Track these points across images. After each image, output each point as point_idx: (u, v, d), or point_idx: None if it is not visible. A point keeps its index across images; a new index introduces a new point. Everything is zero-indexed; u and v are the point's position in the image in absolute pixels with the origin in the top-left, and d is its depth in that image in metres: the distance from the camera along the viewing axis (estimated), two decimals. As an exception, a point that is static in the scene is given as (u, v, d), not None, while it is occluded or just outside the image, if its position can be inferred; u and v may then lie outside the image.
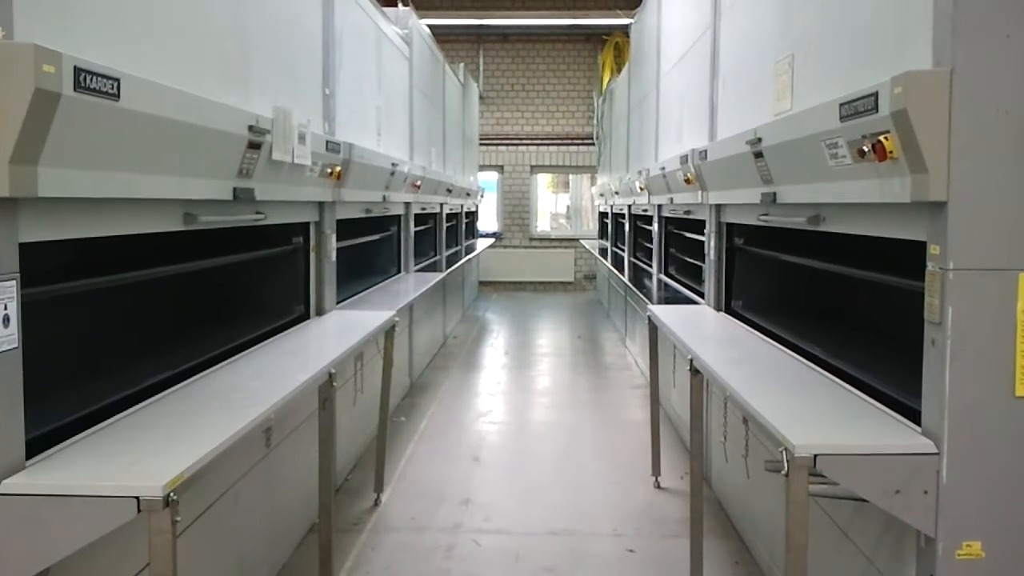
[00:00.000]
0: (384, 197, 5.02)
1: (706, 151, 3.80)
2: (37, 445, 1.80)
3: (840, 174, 2.22)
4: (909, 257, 2.02)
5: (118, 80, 1.78)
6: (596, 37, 14.04)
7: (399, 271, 6.35)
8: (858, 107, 1.99)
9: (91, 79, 1.69)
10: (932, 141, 1.78)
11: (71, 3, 1.83)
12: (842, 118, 2.08)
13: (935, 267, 1.82)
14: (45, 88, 1.56)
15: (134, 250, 2.35)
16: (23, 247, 1.69)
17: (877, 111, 1.89)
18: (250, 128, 2.60)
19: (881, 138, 1.89)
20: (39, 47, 1.54)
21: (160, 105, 2.00)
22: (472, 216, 12.00)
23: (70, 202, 1.86)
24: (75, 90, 1.64)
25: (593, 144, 14.03)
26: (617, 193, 8.82)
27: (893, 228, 2.09)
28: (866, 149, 1.97)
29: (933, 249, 1.83)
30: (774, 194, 2.91)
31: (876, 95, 1.89)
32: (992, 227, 1.78)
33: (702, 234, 4.42)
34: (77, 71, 1.64)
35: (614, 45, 13.55)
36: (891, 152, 1.87)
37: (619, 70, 11.82)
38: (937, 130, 1.77)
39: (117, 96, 1.78)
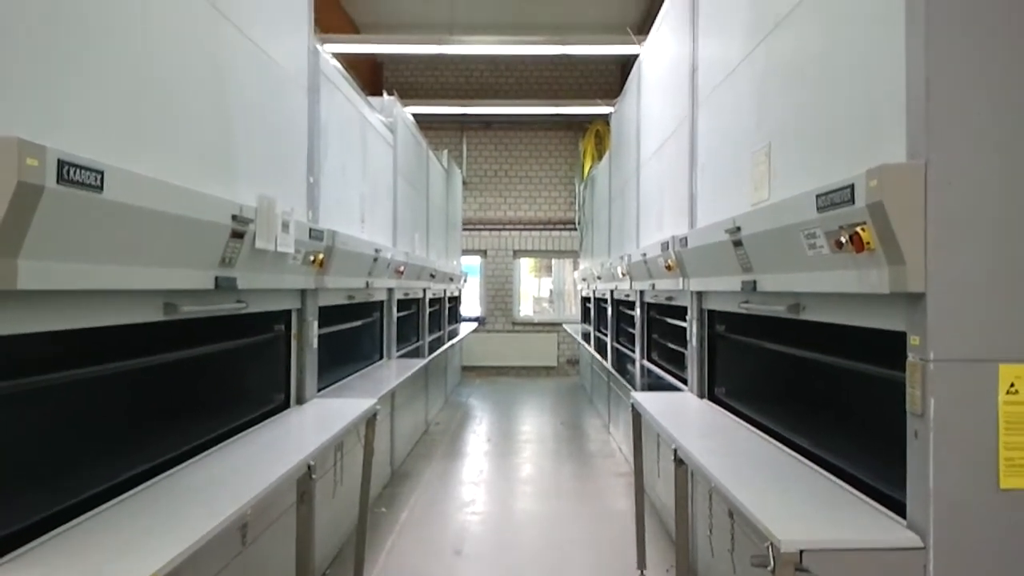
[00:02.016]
0: (367, 283, 5.03)
1: (686, 238, 3.84)
2: (5, 545, 1.75)
3: (819, 264, 2.24)
4: (891, 346, 2.03)
5: (102, 172, 1.79)
6: (577, 125, 14.33)
7: (381, 357, 6.31)
8: (834, 199, 2.02)
9: (74, 171, 1.69)
10: (909, 233, 1.80)
11: (56, 95, 1.85)
12: (819, 209, 2.11)
13: (916, 358, 1.82)
14: (28, 181, 1.56)
15: (109, 339, 2.32)
16: (-2, 340, 1.67)
17: (853, 203, 1.92)
18: (234, 217, 2.61)
19: (858, 229, 1.91)
20: (23, 140, 1.55)
21: (143, 196, 2.00)
22: (455, 301, 12.02)
23: (48, 294, 1.84)
24: (58, 183, 1.64)
25: (575, 229, 14.18)
26: (599, 278, 8.87)
27: (873, 318, 2.10)
28: (843, 240, 1.99)
29: (913, 340, 1.84)
30: (754, 282, 2.93)
31: (852, 187, 1.92)
32: (971, 318, 1.79)
33: (684, 320, 4.43)
34: (61, 164, 1.65)
35: (595, 133, 13.82)
36: (868, 243, 1.89)
37: (600, 157, 12.03)
38: (913, 222, 1.80)
39: (100, 188, 1.79)
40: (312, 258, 3.61)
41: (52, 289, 1.79)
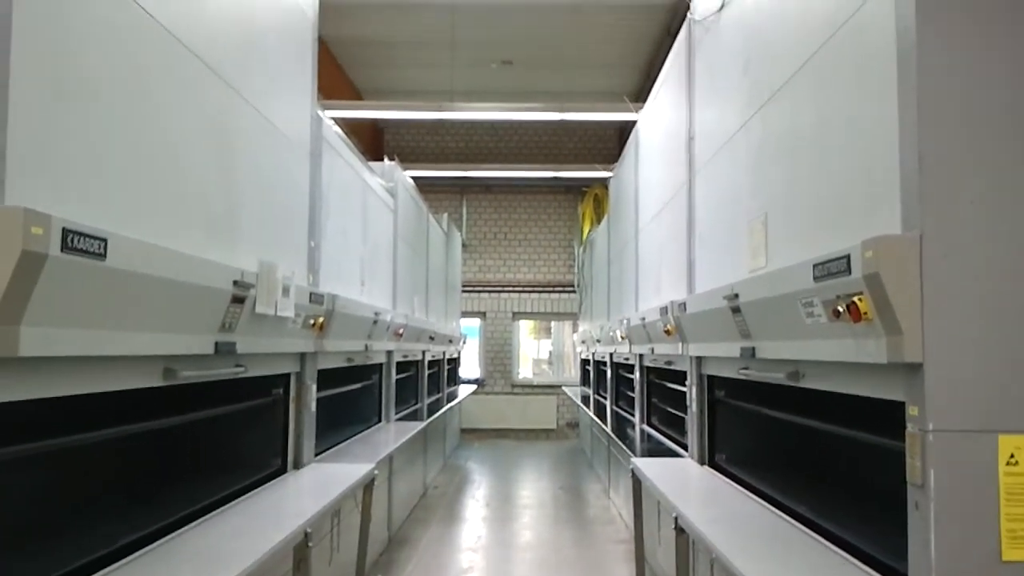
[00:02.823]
0: (366, 346, 5.03)
1: (685, 304, 3.85)
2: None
3: (817, 332, 2.25)
4: (891, 415, 2.03)
5: (105, 240, 1.81)
6: (576, 189, 14.47)
7: (380, 420, 6.28)
8: (831, 268, 2.04)
9: (78, 239, 1.71)
10: (905, 304, 1.81)
11: (63, 163, 1.88)
12: (816, 279, 2.13)
13: (915, 428, 1.82)
14: (32, 250, 1.58)
15: (105, 403, 2.32)
16: (-4, 407, 1.67)
17: (850, 273, 1.93)
18: (235, 283, 2.63)
19: (855, 299, 1.93)
20: (29, 210, 1.57)
21: (145, 263, 2.02)
22: (454, 363, 11.99)
23: (48, 360, 1.85)
24: (62, 251, 1.66)
25: (574, 291, 14.22)
26: (599, 341, 8.87)
27: (872, 387, 2.10)
28: (841, 310, 2.00)
29: (912, 410, 1.84)
30: (753, 349, 2.93)
31: (848, 258, 1.94)
32: (969, 388, 1.79)
33: (684, 385, 4.42)
34: (65, 232, 1.67)
35: (594, 197, 13.95)
36: (865, 313, 1.90)
37: (599, 220, 12.12)
38: (909, 293, 1.82)
39: (103, 256, 1.81)
40: (312, 322, 3.62)
41: (53, 356, 1.79)
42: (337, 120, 10.01)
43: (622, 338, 6.45)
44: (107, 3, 2.05)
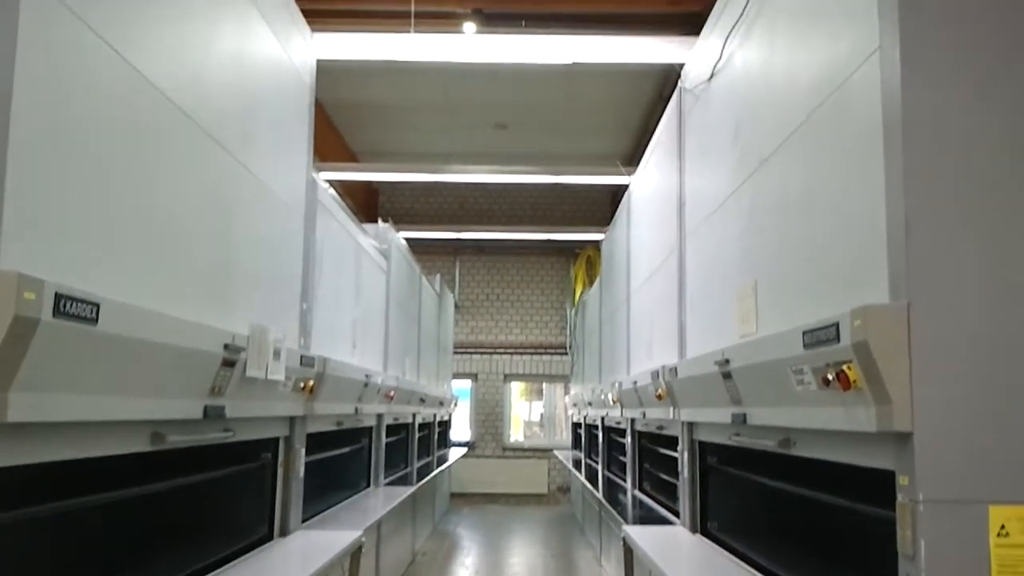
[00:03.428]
0: (356, 409, 5.00)
1: (676, 368, 3.85)
2: None
3: (807, 399, 2.25)
4: (883, 484, 2.02)
5: (97, 305, 1.81)
6: (569, 251, 14.55)
7: (368, 485, 6.20)
8: (820, 336, 2.05)
9: (71, 304, 1.72)
10: (894, 372, 1.82)
11: (59, 226, 1.89)
12: (806, 346, 2.14)
13: (905, 498, 1.81)
14: (24, 315, 1.58)
15: (86, 469, 2.29)
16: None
17: (839, 341, 1.94)
18: (226, 346, 2.62)
19: (844, 367, 1.93)
20: (23, 275, 1.58)
21: (137, 327, 2.02)
22: (445, 425, 11.90)
23: (34, 425, 1.83)
24: (54, 316, 1.66)
25: (566, 353, 14.19)
26: (590, 404, 8.83)
27: (862, 456, 2.10)
28: (830, 378, 2.01)
29: (902, 480, 1.83)
30: (744, 415, 2.93)
31: (837, 326, 1.95)
32: (959, 458, 1.79)
33: (676, 450, 4.39)
34: (58, 297, 1.67)
35: (586, 259, 14.02)
36: (855, 382, 1.91)
37: (591, 282, 12.17)
38: (898, 362, 1.82)
39: (95, 321, 1.81)
40: (302, 385, 3.61)
41: (41, 421, 1.78)
42: (332, 182, 10.10)
43: (614, 402, 6.43)
44: (109, 70, 2.09)
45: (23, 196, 1.74)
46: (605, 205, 14.32)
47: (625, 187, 6.84)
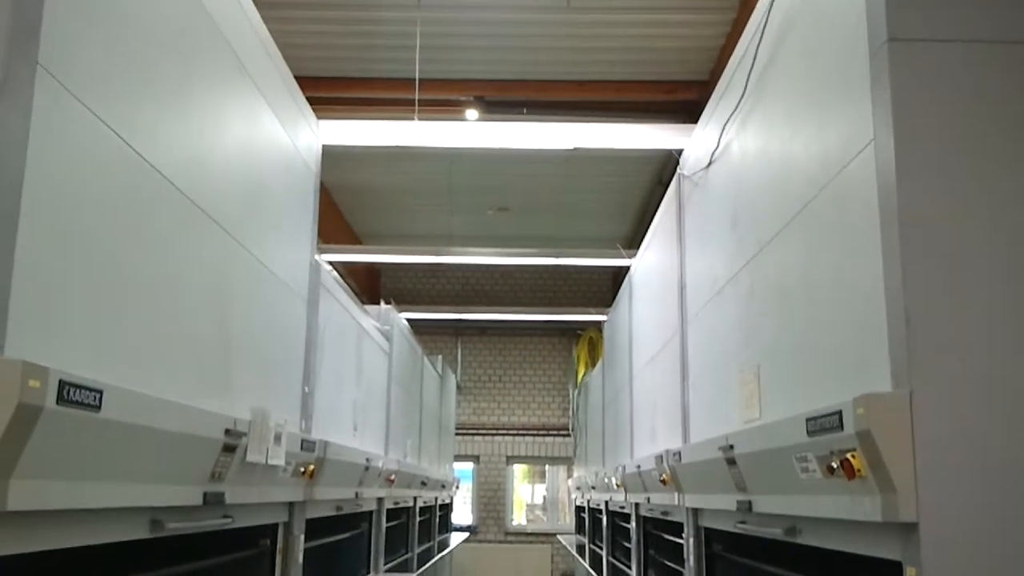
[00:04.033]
0: (357, 493, 4.94)
1: (680, 453, 3.82)
2: None
3: (812, 487, 2.24)
4: (893, 574, 1.99)
5: (101, 392, 1.82)
6: (571, 331, 14.56)
7: (368, 571, 6.09)
8: (824, 424, 2.04)
9: (74, 392, 1.72)
10: (898, 462, 1.81)
11: (63, 311, 1.90)
12: (810, 433, 2.13)
13: (915, 590, 1.78)
14: (28, 403, 1.58)
15: (82, 557, 2.26)
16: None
17: (842, 429, 1.94)
18: (227, 432, 2.61)
19: (849, 456, 1.92)
20: (27, 363, 1.58)
21: (140, 414, 2.02)
22: (446, 509, 11.73)
23: (33, 513, 1.82)
24: (57, 403, 1.66)
25: (569, 435, 14.08)
26: (594, 488, 8.72)
27: (869, 546, 2.07)
28: (835, 466, 2.00)
29: (910, 571, 1.81)
30: (750, 502, 2.90)
31: (840, 414, 1.95)
32: (966, 549, 1.77)
33: (681, 537, 4.32)
34: (61, 384, 1.68)
35: (588, 340, 14.03)
36: (859, 471, 1.90)
37: (593, 364, 12.14)
38: (902, 451, 1.82)
39: (98, 408, 1.81)
40: (302, 469, 3.58)
41: (40, 509, 1.77)
42: (335, 263, 10.18)
43: (617, 486, 6.35)
44: (117, 159, 2.14)
45: (29, 283, 1.76)
46: (606, 286, 14.39)
47: (626, 268, 6.89)
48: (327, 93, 8.29)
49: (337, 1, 7.40)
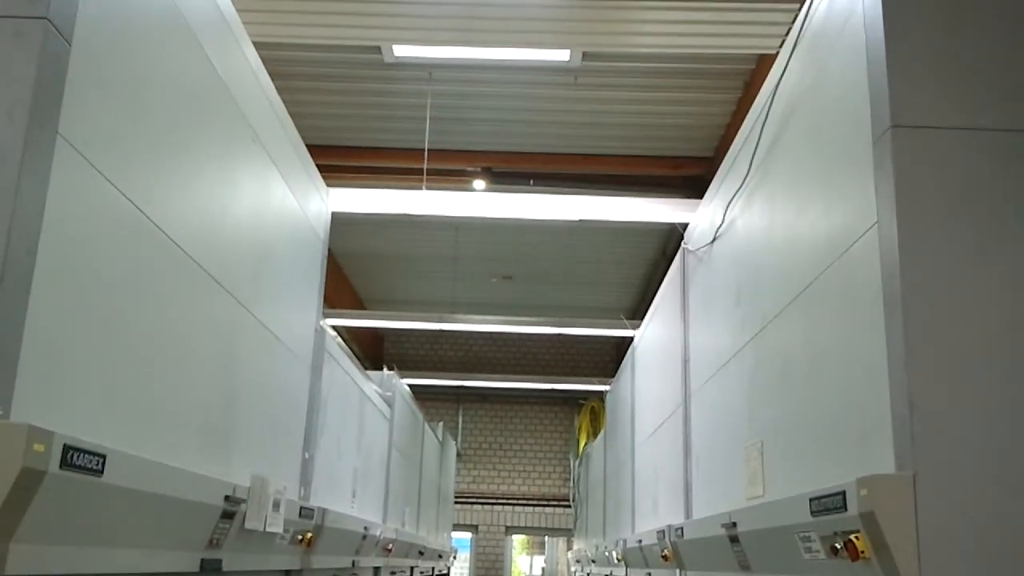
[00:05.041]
0: (354, 563, 4.87)
1: (682, 528, 3.78)
2: None
3: (816, 568, 2.21)
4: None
5: (104, 456, 1.82)
6: (573, 401, 14.50)
7: (362, 642, 5.96)
8: (827, 504, 2.03)
9: (78, 456, 1.72)
10: (902, 544, 1.80)
11: (69, 375, 1.91)
12: (813, 513, 2.11)
13: (921, 678, 1.75)
14: (32, 467, 1.58)
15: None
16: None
17: (846, 510, 1.93)
18: (226, 498, 2.60)
19: (852, 537, 1.91)
20: (33, 427, 1.59)
21: (141, 479, 2.02)
22: (443, 579, 11.52)
23: (30, 579, 1.81)
24: (61, 468, 1.66)
25: (569, 506, 13.90)
26: (594, 561, 8.59)
27: (875, 630, 2.04)
28: (838, 546, 1.98)
29: (916, 656, 1.78)
30: (752, 581, 2.86)
31: (844, 494, 1.94)
32: (973, 636, 1.75)
33: (682, 615, 4.25)
34: (66, 449, 1.68)
35: (590, 410, 13.95)
36: (863, 552, 1.88)
37: (595, 434, 12.06)
38: (905, 534, 1.80)
39: (101, 472, 1.81)
40: (300, 537, 3.54)
41: (39, 575, 1.75)
42: (339, 328, 10.20)
43: (618, 560, 6.26)
44: (129, 226, 2.17)
45: (37, 347, 1.78)
46: (609, 356, 14.37)
47: (629, 339, 6.90)
48: (337, 161, 8.42)
49: (350, 73, 7.58)
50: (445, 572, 11.52)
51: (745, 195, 3.29)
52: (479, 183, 8.55)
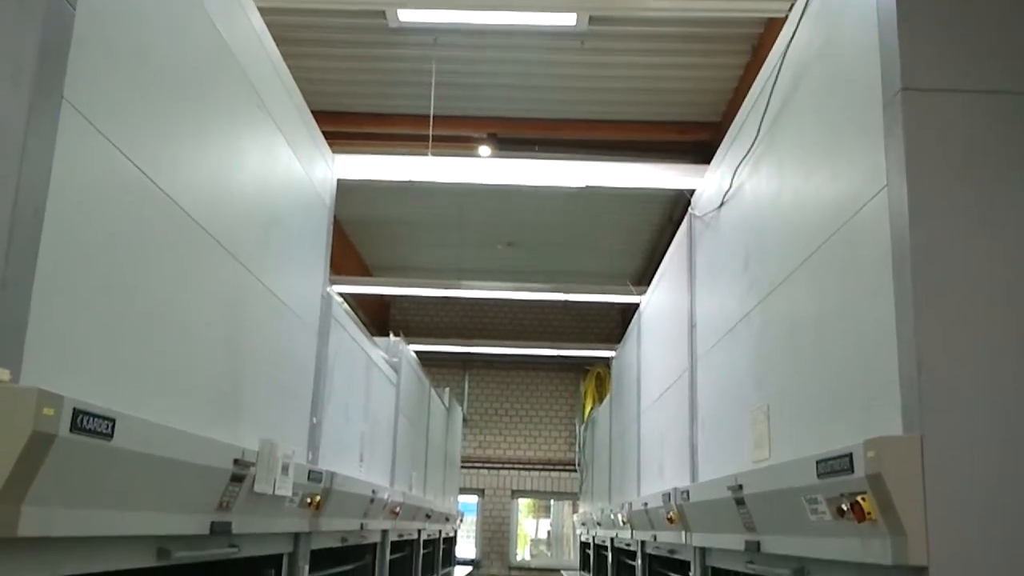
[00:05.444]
0: (362, 525, 4.92)
1: (688, 491, 3.81)
2: None
3: (822, 529, 2.23)
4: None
5: (113, 420, 1.83)
6: (578, 367, 14.54)
7: (371, 604, 6.04)
8: (834, 466, 2.04)
9: (87, 420, 1.73)
10: (908, 505, 1.81)
11: (77, 339, 1.92)
12: (820, 475, 2.12)
13: (924, 636, 1.77)
14: (42, 431, 1.59)
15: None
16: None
17: (853, 472, 1.93)
18: (235, 462, 2.62)
19: (859, 499, 1.92)
20: (43, 391, 1.60)
21: (150, 443, 2.03)
22: (450, 542, 11.65)
23: (41, 541, 1.82)
24: (71, 431, 1.67)
25: (575, 470, 14.00)
26: (599, 524, 8.66)
27: (880, 590, 2.06)
28: (845, 508, 1.99)
29: (921, 617, 1.80)
30: (758, 542, 2.88)
31: (851, 456, 1.95)
32: (978, 595, 1.76)
33: (687, 575, 4.29)
34: (75, 412, 1.69)
35: (596, 375, 13.99)
36: (869, 514, 1.89)
37: (601, 399, 12.11)
38: (912, 494, 1.81)
39: (110, 436, 1.82)
40: (309, 500, 3.57)
41: (49, 536, 1.77)
42: (345, 295, 10.22)
43: (623, 522, 6.31)
44: (135, 191, 2.17)
45: (46, 312, 1.78)
46: (615, 322, 14.39)
47: (635, 305, 6.90)
48: (343, 127, 8.38)
49: (355, 39, 7.51)
50: (452, 535, 11.65)
51: (753, 160, 3.27)
52: (484, 149, 8.51)
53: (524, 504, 14.69)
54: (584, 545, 11.77)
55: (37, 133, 1.73)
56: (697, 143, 8.60)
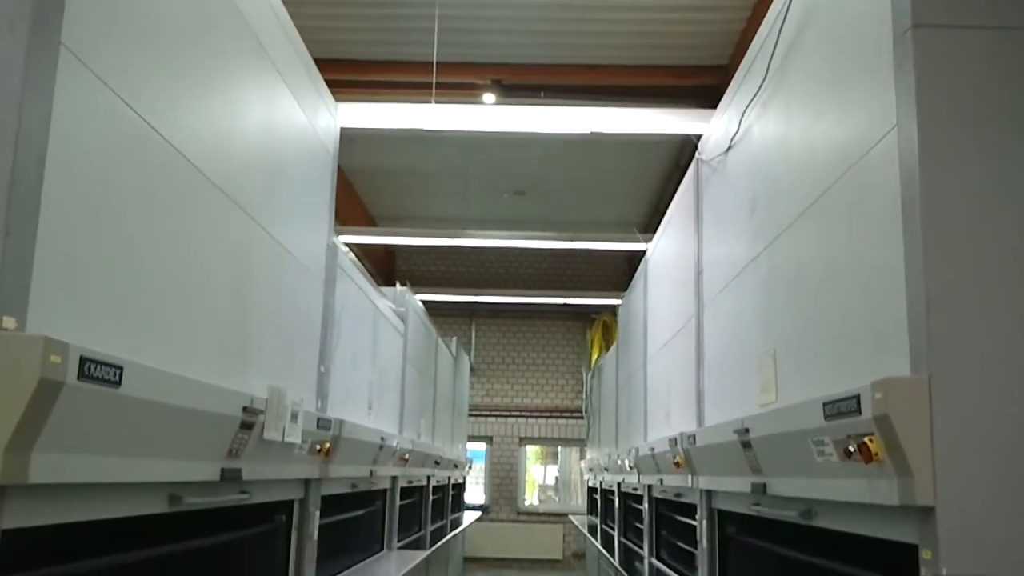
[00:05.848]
0: (371, 472, 4.97)
1: (695, 436, 3.83)
2: None
3: (828, 471, 2.24)
4: (909, 557, 1.99)
5: (121, 368, 1.83)
6: (585, 315, 14.55)
7: (382, 548, 6.14)
8: (841, 408, 2.04)
9: (95, 368, 1.74)
10: (916, 446, 1.81)
11: (83, 288, 1.92)
12: (827, 417, 2.13)
13: (928, 573, 1.78)
14: (50, 378, 1.60)
15: (99, 530, 2.29)
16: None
17: (860, 414, 1.94)
18: (244, 409, 2.63)
19: (866, 440, 1.92)
20: (49, 339, 1.60)
21: (159, 391, 2.04)
22: (459, 488, 11.80)
23: (53, 487, 1.84)
24: (78, 379, 1.68)
25: (582, 417, 14.10)
26: (606, 469, 8.75)
27: (885, 529, 2.07)
28: (852, 449, 2.00)
29: (926, 554, 1.81)
30: (764, 485, 2.90)
31: (858, 398, 1.95)
32: (983, 532, 1.77)
33: (694, 518, 4.34)
34: (82, 360, 1.70)
35: (603, 323, 14.01)
36: (876, 454, 1.90)
37: (607, 347, 12.14)
38: (920, 435, 1.81)
39: (118, 384, 1.83)
40: (318, 447, 3.60)
41: (61, 483, 1.79)
42: (351, 245, 10.21)
43: (630, 467, 6.37)
44: (138, 140, 2.15)
45: (51, 261, 1.78)
46: (621, 270, 14.37)
47: (642, 253, 6.87)
48: (346, 76, 8.28)
49: (355, -18, 7.39)
50: (461, 482, 11.79)
51: (761, 102, 3.22)
52: (489, 96, 8.42)
53: (532, 451, 14.83)
54: (591, 490, 11.92)
55: (36, 79, 1.71)
56: (704, 87, 8.48)
